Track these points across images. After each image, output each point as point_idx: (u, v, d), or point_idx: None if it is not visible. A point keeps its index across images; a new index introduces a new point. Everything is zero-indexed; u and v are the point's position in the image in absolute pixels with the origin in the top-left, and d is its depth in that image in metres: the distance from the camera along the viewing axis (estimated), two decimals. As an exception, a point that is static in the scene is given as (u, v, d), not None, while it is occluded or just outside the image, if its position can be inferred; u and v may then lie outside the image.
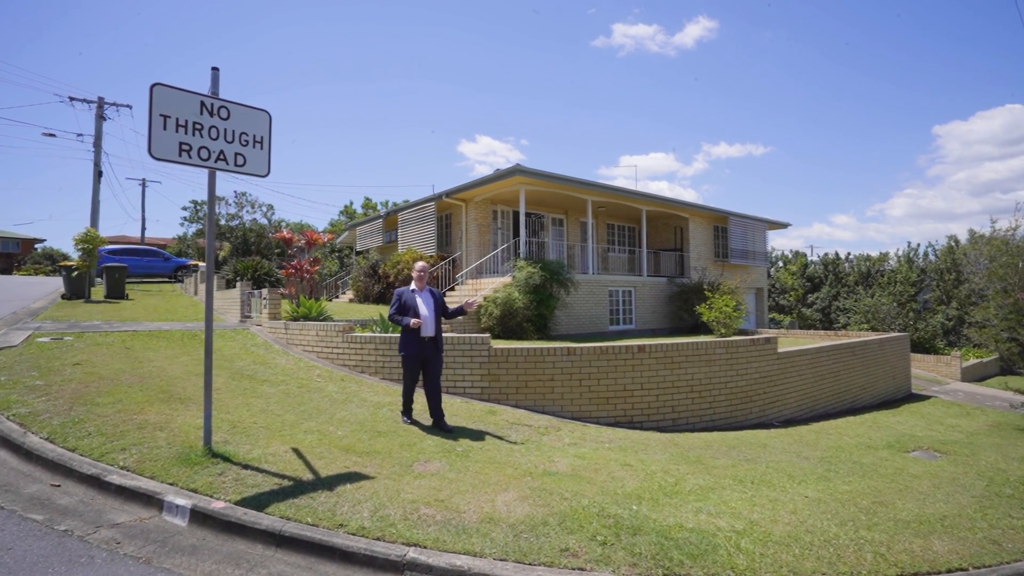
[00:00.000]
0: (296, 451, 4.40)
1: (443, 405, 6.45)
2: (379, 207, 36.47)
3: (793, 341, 13.57)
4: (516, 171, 12.79)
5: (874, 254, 31.31)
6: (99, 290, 15.72)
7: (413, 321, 5.29)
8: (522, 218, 13.91)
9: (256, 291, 10.57)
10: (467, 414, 6.24)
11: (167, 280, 22.04)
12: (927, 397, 12.99)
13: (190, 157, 4.01)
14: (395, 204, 19.32)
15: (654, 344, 7.27)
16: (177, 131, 3.95)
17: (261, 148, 4.42)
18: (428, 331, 5.44)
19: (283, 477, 3.84)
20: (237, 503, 3.40)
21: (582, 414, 6.95)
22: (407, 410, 5.66)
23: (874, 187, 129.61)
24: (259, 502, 3.43)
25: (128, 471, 3.68)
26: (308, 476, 3.91)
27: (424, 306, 5.47)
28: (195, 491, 3.50)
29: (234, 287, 12.61)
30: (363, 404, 6.13)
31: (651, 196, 16.47)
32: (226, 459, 4.00)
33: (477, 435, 5.55)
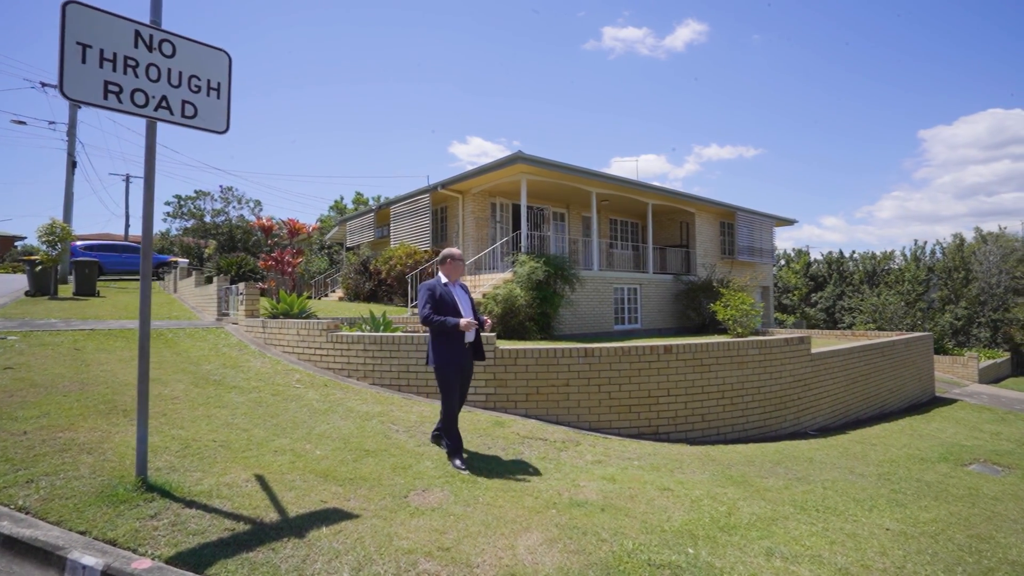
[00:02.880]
0: (260, 479, 3.48)
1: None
2: (370, 202, 35.44)
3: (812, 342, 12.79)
4: (517, 159, 11.92)
5: (879, 253, 30.77)
6: (70, 288, 14.66)
7: (464, 322, 4.05)
8: (523, 210, 13.02)
9: (233, 286, 9.60)
10: (471, 426, 5.35)
11: (147, 277, 20.94)
12: (952, 400, 12.26)
13: (120, 102, 3.09)
14: (387, 199, 18.37)
15: (682, 344, 6.42)
16: (102, 66, 3.03)
17: (218, 97, 3.51)
18: (469, 334, 4.32)
19: (239, 518, 2.92)
20: (170, 560, 2.49)
21: (601, 424, 6.08)
22: (456, 449, 4.26)
23: (863, 189, 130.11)
24: (201, 558, 2.53)
25: (27, 514, 2.76)
26: (272, 516, 3.00)
27: (463, 303, 4.32)
28: (114, 543, 2.58)
29: (212, 283, 11.62)
30: (348, 415, 5.22)
31: (658, 189, 15.66)
32: (166, 493, 3.08)
33: (485, 453, 4.67)
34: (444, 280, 4.36)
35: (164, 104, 3.26)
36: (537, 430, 5.57)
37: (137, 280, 20.19)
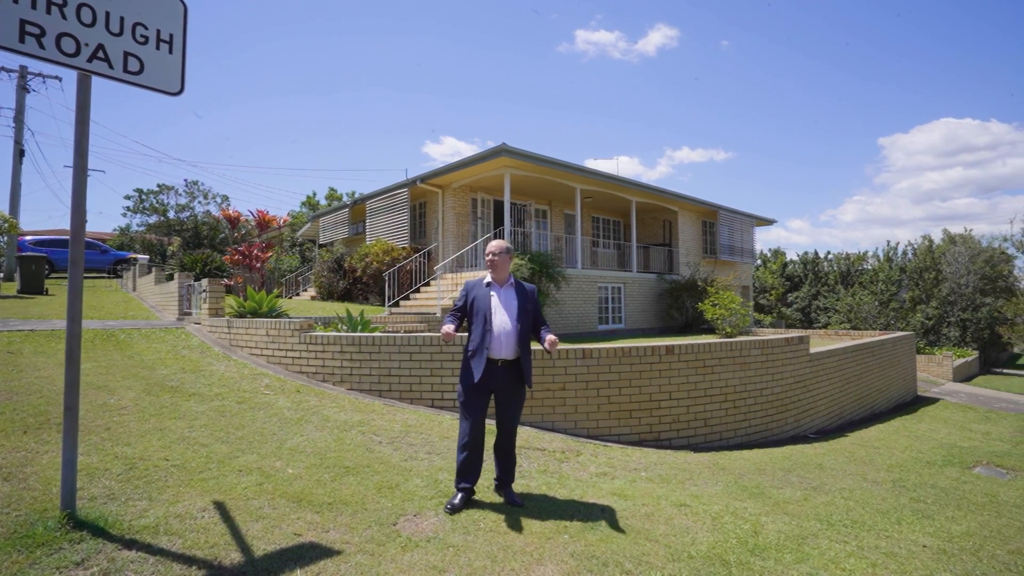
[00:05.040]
0: (221, 507, 2.93)
1: (429, 423, 5.07)
2: (344, 198, 34.41)
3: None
4: (502, 151, 11.44)
5: (853, 253, 31.42)
6: (15, 285, 13.55)
7: (444, 331, 3.27)
8: (507, 205, 12.56)
9: (196, 283, 8.86)
10: (461, 435, 4.85)
11: (105, 275, 19.72)
12: (934, 400, 12.29)
13: (41, 47, 2.50)
14: (361, 194, 17.70)
15: (684, 344, 6.05)
16: (17, 1, 2.44)
17: (170, 51, 2.94)
18: (502, 350, 3.37)
19: (191, 561, 2.37)
20: (97, 625, 1.94)
21: (600, 431, 5.65)
22: (468, 473, 3.44)
23: (827, 193, 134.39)
24: (139, 619, 1.98)
25: (-90, 565, 2.16)
26: (234, 556, 2.46)
27: (503, 310, 3.43)
28: (23, 603, 2.01)
29: (173, 280, 10.80)
30: (324, 425, 4.66)
31: (642, 186, 15.39)
32: (99, 531, 2.50)
33: (480, 466, 4.18)
34: (487, 279, 3.56)
35: (101, 55, 2.68)
36: (534, 439, 5.11)
37: (94, 277, 18.97)
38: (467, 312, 3.53)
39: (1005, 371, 23.56)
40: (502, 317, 3.42)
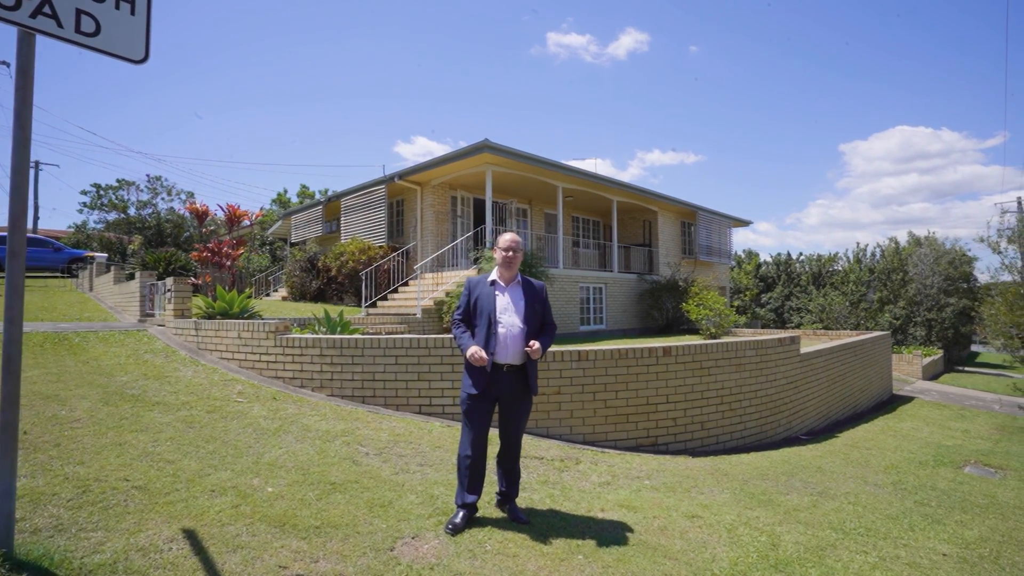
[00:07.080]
0: (191, 536, 2.55)
1: (419, 432, 4.74)
2: (317, 195, 33.47)
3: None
4: (484, 147, 11.13)
5: (824, 254, 32.20)
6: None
7: (472, 352, 2.98)
8: (488, 203, 12.26)
9: (160, 283, 8.28)
10: (453, 444, 4.54)
11: (59, 275, 18.57)
12: (910, 398, 12.51)
13: (-27, -4, 2.11)
14: (335, 192, 17.13)
15: (681, 346, 5.87)
16: (-58, -60, 2.04)
17: (131, 12, 2.56)
18: (508, 354, 3.08)
19: (156, 606, 2.01)
20: None
21: (596, 437, 5.42)
22: (471, 487, 3.13)
23: (792, 197, 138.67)
24: None
25: None
26: (208, 597, 2.11)
27: (508, 311, 3.13)
28: (-58, 672, 1.63)
29: (134, 279, 10.14)
30: (305, 435, 4.28)
31: (624, 185, 15.30)
32: (43, 573, 2.11)
33: (477, 479, 3.87)
34: (492, 278, 3.23)
35: (47, 10, 2.29)
36: (530, 446, 4.83)
37: (47, 276, 17.84)
38: (469, 314, 3.23)
39: (967, 369, 24.43)
40: (508, 319, 3.13)
